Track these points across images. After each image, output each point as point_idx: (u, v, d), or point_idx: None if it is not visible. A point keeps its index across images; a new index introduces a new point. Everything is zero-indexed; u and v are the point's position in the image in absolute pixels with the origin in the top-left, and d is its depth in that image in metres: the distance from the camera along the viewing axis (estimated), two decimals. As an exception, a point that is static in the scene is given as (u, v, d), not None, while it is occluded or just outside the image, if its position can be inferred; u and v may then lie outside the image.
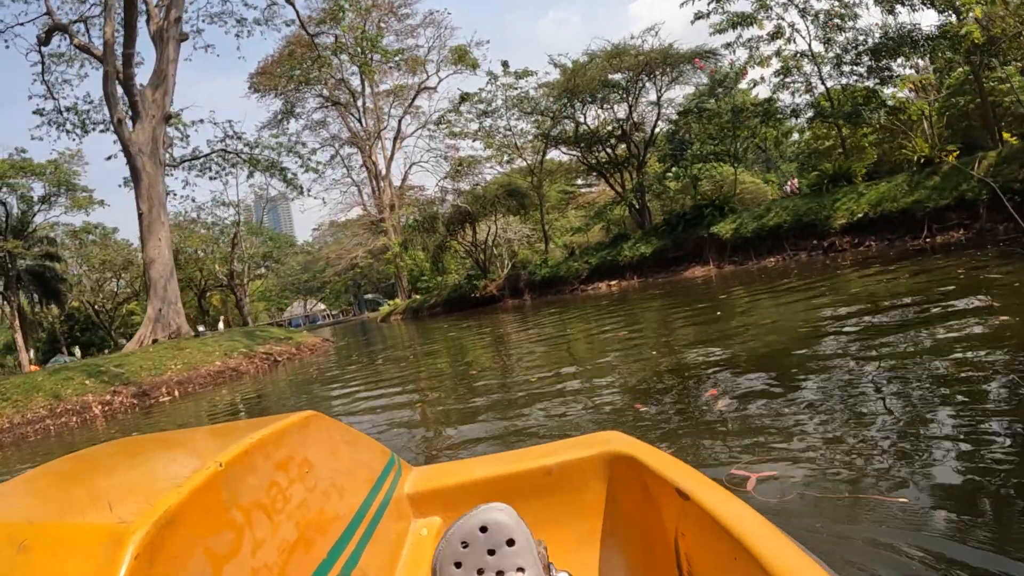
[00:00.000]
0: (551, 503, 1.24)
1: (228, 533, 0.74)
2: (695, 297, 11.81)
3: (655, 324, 8.38)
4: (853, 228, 15.31)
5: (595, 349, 6.92)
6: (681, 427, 3.04)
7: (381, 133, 42.74)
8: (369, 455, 1.28)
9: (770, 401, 3.16)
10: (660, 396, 3.84)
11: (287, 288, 67.14)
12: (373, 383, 7.57)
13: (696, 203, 19.38)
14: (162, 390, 11.26)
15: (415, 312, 33.39)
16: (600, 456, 1.24)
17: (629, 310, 11.50)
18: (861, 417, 2.66)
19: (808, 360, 3.95)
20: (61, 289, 34.18)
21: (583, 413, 3.76)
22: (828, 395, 3.07)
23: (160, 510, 0.65)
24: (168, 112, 18.54)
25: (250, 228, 42.67)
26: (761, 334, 5.57)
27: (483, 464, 1.34)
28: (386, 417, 4.96)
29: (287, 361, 14.46)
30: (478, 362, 7.90)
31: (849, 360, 3.73)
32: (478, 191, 28.30)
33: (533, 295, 23.54)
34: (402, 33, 41.08)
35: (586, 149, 26.42)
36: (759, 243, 16.31)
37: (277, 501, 0.86)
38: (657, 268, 18.74)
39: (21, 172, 30.11)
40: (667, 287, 15.22)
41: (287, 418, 1.04)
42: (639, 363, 5.20)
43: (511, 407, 4.31)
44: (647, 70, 22.62)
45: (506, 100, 28.01)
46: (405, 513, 1.26)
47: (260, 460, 0.88)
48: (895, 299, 5.81)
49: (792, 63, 20.06)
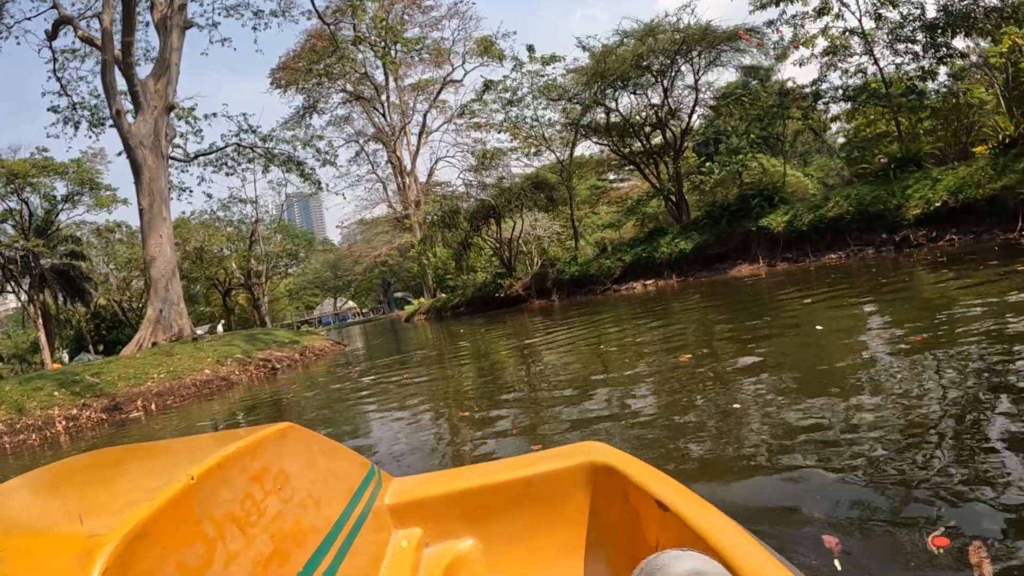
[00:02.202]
0: (532, 514, 1.23)
1: (200, 546, 0.73)
2: (743, 300, 10.03)
3: (699, 336, 6.67)
4: (929, 219, 13.21)
5: (625, 362, 5.29)
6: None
7: (406, 128, 41.62)
8: (348, 466, 1.26)
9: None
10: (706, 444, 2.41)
11: (316, 286, 66.98)
12: (364, 413, 6.09)
13: (742, 193, 17.36)
14: (137, 403, 10.05)
15: (439, 312, 32.14)
16: (581, 467, 1.24)
17: (666, 318, 9.78)
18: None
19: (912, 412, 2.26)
20: (86, 288, 34.07)
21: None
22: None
23: (131, 523, 0.65)
24: (171, 103, 17.53)
25: (280, 226, 42.15)
26: (832, 355, 3.86)
27: (464, 475, 1.33)
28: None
29: (287, 369, 13.19)
30: (496, 377, 6.35)
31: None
32: (503, 184, 26.68)
33: (561, 295, 21.84)
34: (426, 25, 39.86)
35: (618, 139, 24.57)
36: (817, 237, 14.29)
37: (252, 514, 0.85)
38: (698, 266, 16.78)
39: (43, 171, 29.92)
40: (710, 288, 13.39)
41: (264, 429, 1.03)
42: (680, 398, 3.56)
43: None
44: (684, 50, 20.68)
45: (532, 88, 26.39)
46: (385, 524, 1.24)
47: (235, 473, 0.86)
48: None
49: (840, 41, 18.37)
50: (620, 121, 23.60)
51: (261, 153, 24.44)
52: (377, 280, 67.65)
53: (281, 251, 41.30)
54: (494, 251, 29.38)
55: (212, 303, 42.51)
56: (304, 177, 25.21)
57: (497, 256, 29.25)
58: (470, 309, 27.07)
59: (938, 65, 18.19)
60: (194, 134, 24.86)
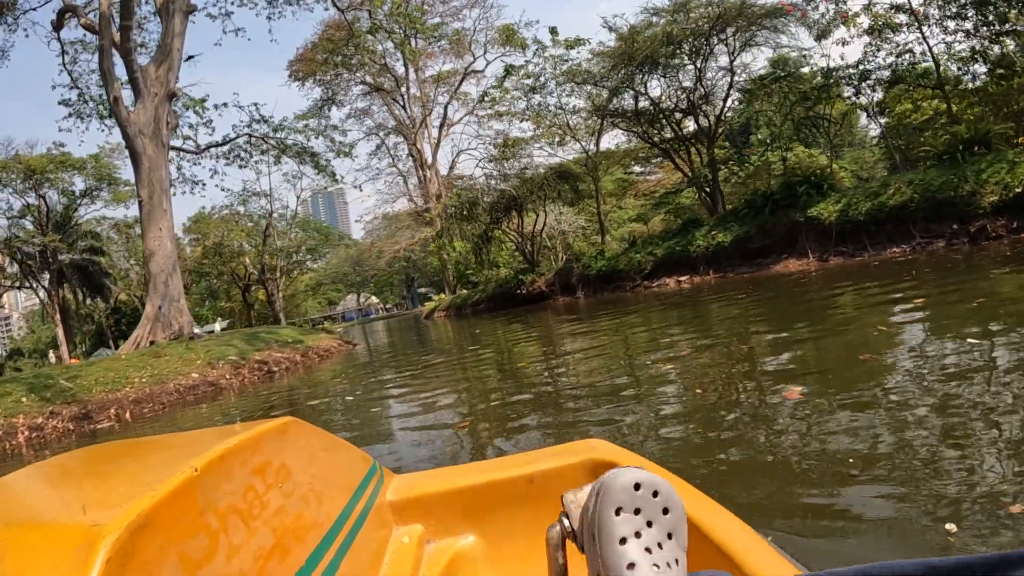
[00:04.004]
0: (534, 511, 1.22)
1: (203, 538, 0.73)
2: (791, 299, 8.57)
3: (745, 348, 5.28)
4: (1009, 207, 11.51)
5: (651, 381, 3.95)
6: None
7: (427, 120, 40.54)
8: (350, 462, 1.26)
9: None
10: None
11: (338, 281, 66.64)
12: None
13: (787, 180, 15.70)
14: (110, 411, 9.05)
15: (459, 309, 31.04)
16: (583, 464, 1.23)
17: (703, 320, 8.38)
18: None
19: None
20: (105, 283, 33.86)
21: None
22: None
23: (133, 514, 0.64)
24: (172, 90, 16.64)
25: (299, 221, 41.60)
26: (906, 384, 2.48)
27: (465, 472, 1.33)
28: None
29: (285, 372, 12.12)
30: (519, 390, 5.07)
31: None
32: (526, 175, 25.32)
33: (587, 292, 20.42)
34: (447, 15, 38.64)
35: (647, 125, 23.00)
36: (876, 229, 12.63)
37: (254, 507, 0.84)
38: (738, 261, 15.17)
39: (61, 167, 29.64)
40: (753, 285, 11.88)
41: (265, 424, 1.02)
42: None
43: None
44: (719, 26, 19.05)
45: (556, 73, 24.96)
46: (387, 520, 1.24)
47: (236, 466, 0.86)
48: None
49: (885, 20, 17.04)
50: (649, 106, 22.05)
51: (274, 144, 23.54)
52: (399, 275, 66.96)
53: (297, 246, 40.65)
54: (516, 246, 28.08)
55: (232, 298, 42.21)
56: (318, 169, 24.27)
57: (520, 251, 27.96)
58: (491, 306, 25.84)
59: (992, 44, 16.72)
60: (205, 125, 24.09)
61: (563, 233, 32.93)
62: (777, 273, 13.27)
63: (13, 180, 29.80)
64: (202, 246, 38.46)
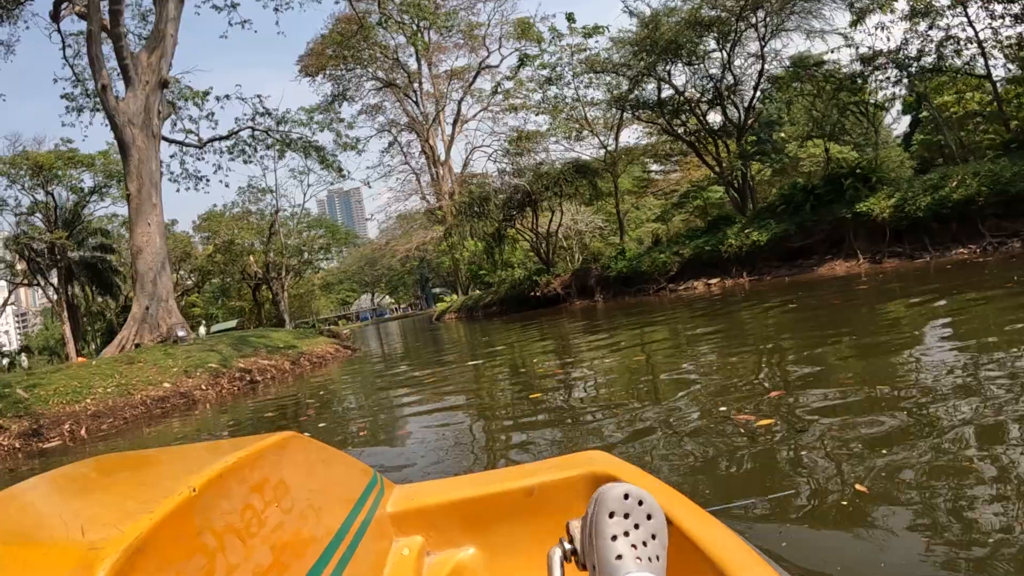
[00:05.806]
0: (534, 523, 1.20)
1: (200, 559, 0.72)
2: (853, 307, 7.18)
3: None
4: (1096, 202, 9.97)
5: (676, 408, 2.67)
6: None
7: (440, 116, 39.43)
8: (349, 474, 1.24)
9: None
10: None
11: (351, 281, 65.95)
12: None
13: (831, 173, 14.16)
14: (64, 427, 7.97)
15: (470, 311, 29.88)
16: (582, 477, 1.22)
17: (754, 333, 7.05)
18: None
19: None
20: (115, 281, 33.27)
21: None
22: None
23: (131, 536, 0.64)
24: (165, 78, 15.66)
25: (307, 219, 40.77)
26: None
27: (465, 484, 1.32)
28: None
29: (271, 381, 11.00)
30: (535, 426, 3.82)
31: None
32: (541, 169, 24.00)
33: (606, 295, 19.03)
34: (461, 9, 37.47)
35: (671, 116, 21.56)
36: (938, 226, 11.11)
37: (252, 525, 0.84)
38: (775, 261, 13.66)
39: (69, 163, 29.05)
40: (793, 290, 10.46)
41: (265, 439, 1.00)
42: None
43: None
44: (749, 8, 17.58)
45: (573, 63, 23.61)
46: (387, 532, 1.22)
47: (235, 484, 0.86)
48: None
49: (922, 5, 15.82)
50: (674, 95, 20.62)
51: (278, 138, 22.53)
52: (413, 275, 66.05)
53: (304, 244, 39.80)
54: (531, 245, 26.80)
55: (243, 297, 41.57)
56: (324, 163, 23.24)
57: (534, 250, 26.67)
58: (503, 309, 24.60)
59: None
60: (207, 118, 23.16)
61: (580, 233, 31.57)
62: (822, 276, 11.78)
63: (22, 176, 29.33)
64: (213, 244, 37.85)
